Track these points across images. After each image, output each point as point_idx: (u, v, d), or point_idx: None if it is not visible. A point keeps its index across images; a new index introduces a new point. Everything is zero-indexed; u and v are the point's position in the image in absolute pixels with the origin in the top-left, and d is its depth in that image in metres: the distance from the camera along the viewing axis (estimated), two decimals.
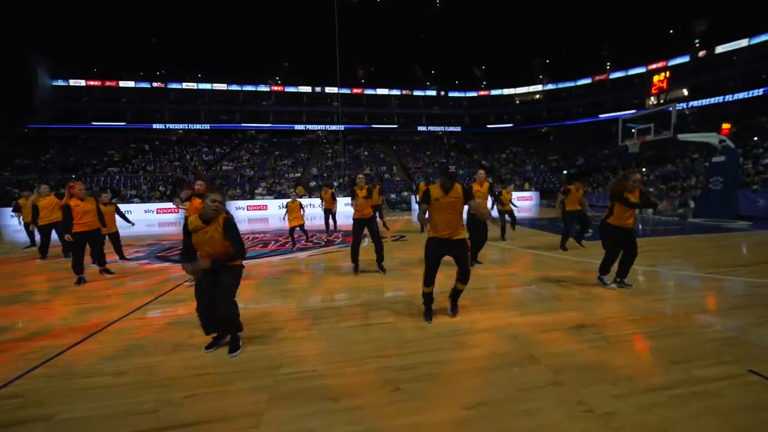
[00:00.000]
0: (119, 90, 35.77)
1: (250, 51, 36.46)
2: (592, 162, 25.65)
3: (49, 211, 6.20)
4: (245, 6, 31.09)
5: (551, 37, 33.16)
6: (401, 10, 32.07)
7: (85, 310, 3.59)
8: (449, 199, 2.88)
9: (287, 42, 35.82)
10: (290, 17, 32.74)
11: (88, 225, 4.57)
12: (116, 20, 31.73)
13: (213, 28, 33.95)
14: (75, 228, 4.46)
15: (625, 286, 3.83)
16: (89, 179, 23.58)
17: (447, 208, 2.88)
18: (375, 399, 1.91)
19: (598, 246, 6.05)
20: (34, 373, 2.33)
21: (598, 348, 2.43)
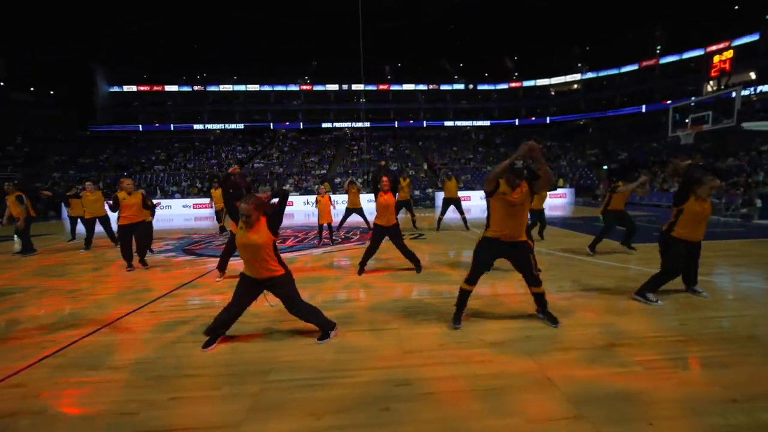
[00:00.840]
0: (165, 94, 38.65)
1: (281, 52, 37.62)
2: (637, 156, 23.40)
3: (94, 206, 6.82)
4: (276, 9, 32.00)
5: (592, 21, 30.58)
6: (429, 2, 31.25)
7: (102, 301, 3.75)
8: (515, 196, 2.59)
9: (316, 41, 36.42)
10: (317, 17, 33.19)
11: (131, 218, 4.93)
12: (162, 29, 34.15)
13: (246, 32, 35.36)
14: (120, 221, 4.89)
15: (698, 294, 3.32)
16: (138, 176, 25.72)
17: (512, 205, 2.60)
18: (360, 418, 1.72)
19: (651, 249, 5.37)
20: (45, 362, 2.41)
21: (631, 375, 2.05)
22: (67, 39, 32.83)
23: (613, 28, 30.25)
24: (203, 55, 38.22)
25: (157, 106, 38.20)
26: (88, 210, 6.91)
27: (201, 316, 3.20)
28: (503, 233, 2.66)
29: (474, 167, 25.57)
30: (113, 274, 4.99)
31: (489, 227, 2.75)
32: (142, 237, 5.18)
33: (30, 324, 3.14)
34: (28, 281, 4.71)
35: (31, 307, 3.63)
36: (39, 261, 6.13)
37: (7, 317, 3.34)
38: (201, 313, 3.28)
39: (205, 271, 4.99)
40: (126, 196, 4.90)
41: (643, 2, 27.34)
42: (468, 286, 2.80)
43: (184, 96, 38.55)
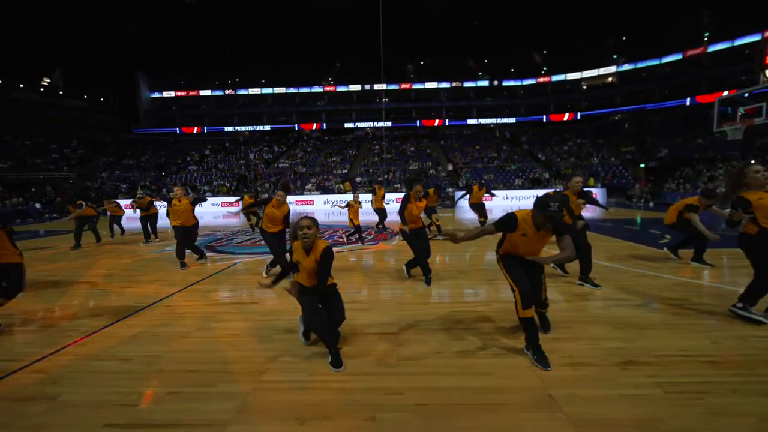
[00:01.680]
0: (199, 98, 40.99)
1: (306, 55, 38.66)
2: (680, 153, 21.53)
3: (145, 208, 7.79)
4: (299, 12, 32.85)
5: (630, 9, 28.55)
6: None
7: (126, 293, 4.00)
8: (538, 235, 2.32)
9: (339, 43, 37.00)
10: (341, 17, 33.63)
11: (181, 221, 5.25)
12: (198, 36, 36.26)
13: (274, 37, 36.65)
14: (173, 222, 5.33)
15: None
16: (174, 176, 27.46)
17: (532, 242, 2.35)
18: (343, 426, 1.68)
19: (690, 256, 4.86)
20: (67, 350, 2.60)
21: (647, 398, 1.84)
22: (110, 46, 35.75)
23: (654, 16, 28.06)
24: (234, 60, 40.16)
25: (192, 109, 40.64)
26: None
27: (212, 312, 3.31)
28: (517, 252, 2.44)
29: (498, 166, 24.76)
30: (142, 269, 5.33)
31: (503, 245, 2.51)
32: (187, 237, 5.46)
33: (60, 312, 3.41)
34: (70, 273, 5.15)
35: (65, 297, 3.94)
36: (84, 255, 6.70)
37: (43, 306, 3.65)
38: (213, 310, 3.40)
39: (223, 267, 5.18)
40: (177, 203, 5.25)
41: None
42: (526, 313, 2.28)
43: (217, 100, 40.68)
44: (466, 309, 3.24)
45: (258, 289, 4.06)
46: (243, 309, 3.40)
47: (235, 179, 26.79)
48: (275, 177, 26.73)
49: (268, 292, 3.95)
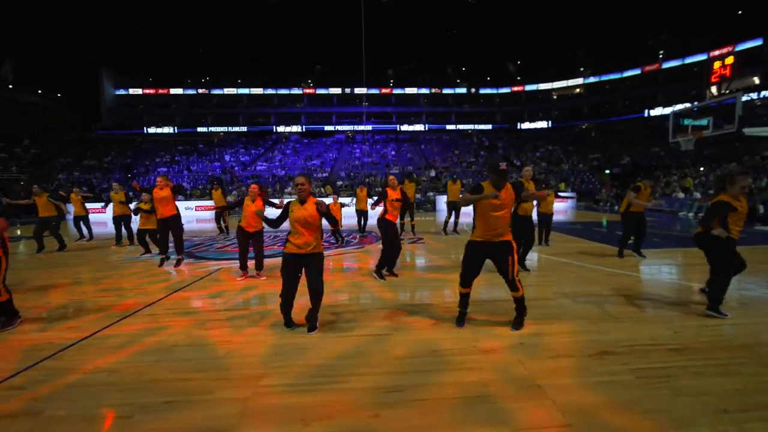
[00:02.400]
0: (170, 97, 39.13)
1: (285, 56, 38.04)
2: (640, 161, 23.31)
3: (119, 207, 7.31)
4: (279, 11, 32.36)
5: (594, 26, 30.67)
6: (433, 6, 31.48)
7: (101, 304, 3.80)
8: (501, 200, 2.66)
9: (319, 45, 36.79)
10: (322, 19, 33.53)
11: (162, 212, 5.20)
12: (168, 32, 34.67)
13: (250, 36, 35.79)
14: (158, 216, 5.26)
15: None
16: (142, 178, 25.98)
17: (497, 208, 2.67)
18: (349, 425, 1.74)
19: (651, 255, 5.38)
20: (43, 364, 2.45)
21: (623, 384, 2.05)
22: (73, 40, 33.39)
23: (616, 33, 30.29)
24: (208, 58, 38.76)
25: (162, 108, 38.72)
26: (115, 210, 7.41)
27: (198, 320, 3.23)
28: (488, 234, 2.75)
29: (475, 170, 25.57)
30: (112, 276, 5.05)
31: (475, 230, 2.84)
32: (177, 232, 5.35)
33: (30, 324, 3.19)
34: (34, 279, 4.78)
35: (34, 308, 3.68)
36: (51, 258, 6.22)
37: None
38: (198, 318, 3.32)
39: (204, 274, 5.03)
40: (158, 191, 5.15)
41: (646, 7, 27.37)
42: (463, 289, 2.90)
43: (189, 99, 39.04)
44: (452, 309, 3.38)
45: (242, 294, 4.00)
46: (233, 315, 3.34)
47: (210, 182, 25.80)
48: (252, 180, 26.03)
49: (255, 298, 3.91)
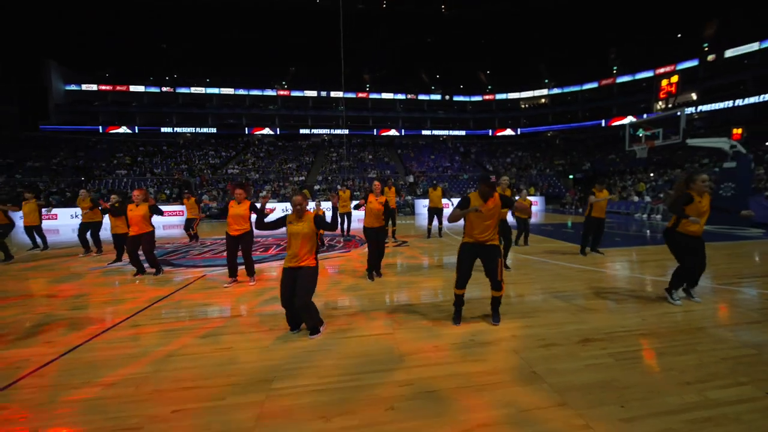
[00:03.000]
0: (129, 94, 36.62)
1: (258, 56, 37.04)
2: (599, 167, 25.32)
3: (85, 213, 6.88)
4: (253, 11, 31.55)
5: (557, 41, 33.01)
6: (407, 16, 32.25)
7: (77, 316, 3.56)
8: (488, 207, 2.95)
9: (294, 47, 36.27)
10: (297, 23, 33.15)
11: (138, 229, 5.03)
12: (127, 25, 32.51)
13: (221, 34, 34.53)
14: (130, 231, 5.06)
15: (692, 298, 3.60)
16: (98, 181, 24.02)
17: (485, 217, 2.96)
18: (368, 418, 1.83)
19: (613, 253, 5.92)
20: (24, 381, 2.28)
21: (604, 366, 2.31)
22: (17, 30, 30.32)
23: (577, 48, 32.76)
24: (173, 55, 36.74)
25: (121, 106, 36.13)
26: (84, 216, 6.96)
27: (188, 328, 3.14)
28: (478, 238, 3.00)
29: (451, 175, 26.40)
30: (82, 287, 4.70)
31: (465, 233, 3.10)
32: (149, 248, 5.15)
33: None
34: None
35: None
36: None
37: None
38: (188, 325, 3.22)
39: (186, 283, 4.83)
40: (134, 208, 4.97)
41: (599, 25, 29.90)
42: (458, 291, 3.09)
43: (152, 97, 36.78)
44: (445, 308, 3.55)
45: (234, 301, 3.93)
46: (229, 322, 3.27)
47: (178, 185, 24.41)
48: (224, 183, 25.00)
49: (246, 304, 3.84)
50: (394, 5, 31.21)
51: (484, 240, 2.98)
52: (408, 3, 30.66)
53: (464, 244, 3.08)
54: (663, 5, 26.51)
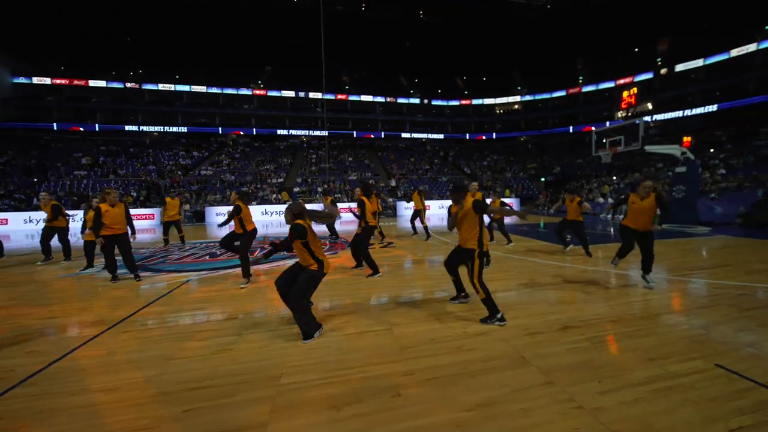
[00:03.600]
0: (89, 90, 34.15)
1: (232, 54, 35.86)
2: (567, 170, 26.91)
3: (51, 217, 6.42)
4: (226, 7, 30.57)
5: (529, 51, 34.75)
6: (386, 19, 32.63)
7: (59, 324, 3.39)
8: (461, 212, 3.23)
9: (270, 46, 35.49)
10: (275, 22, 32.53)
11: (117, 229, 4.80)
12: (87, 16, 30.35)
13: (192, 30, 33.12)
14: (103, 231, 4.73)
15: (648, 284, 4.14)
16: (53, 183, 22.23)
17: (459, 222, 3.25)
18: (377, 405, 1.96)
19: (581, 251, 6.39)
20: (14, 392, 2.19)
21: (582, 349, 2.59)
22: None
23: (547, 58, 34.65)
24: (138, 49, 34.68)
25: (78, 102, 33.63)
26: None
27: (183, 332, 3.10)
28: (459, 240, 3.33)
29: (431, 177, 26.97)
30: (55, 295, 4.44)
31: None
32: (127, 249, 4.94)
33: None
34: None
35: None
36: None
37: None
38: (186, 330, 3.18)
39: (171, 288, 4.69)
40: (109, 208, 4.74)
41: (567, 37, 31.84)
42: (451, 277, 3.65)
43: (115, 93, 34.50)
44: (435, 303, 3.74)
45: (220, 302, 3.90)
46: (223, 325, 3.26)
47: (146, 187, 23.10)
48: (197, 186, 23.98)
49: (238, 305, 3.83)
50: (373, 8, 31.50)
51: (462, 243, 3.26)
52: (386, 7, 31.06)
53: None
54: (623, 21, 28.73)
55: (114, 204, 4.76)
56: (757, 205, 9.79)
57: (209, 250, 7.76)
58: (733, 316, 3.17)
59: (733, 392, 2.02)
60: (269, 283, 4.79)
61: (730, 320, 3.08)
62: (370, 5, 31.27)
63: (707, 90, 26.09)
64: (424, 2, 29.67)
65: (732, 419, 1.79)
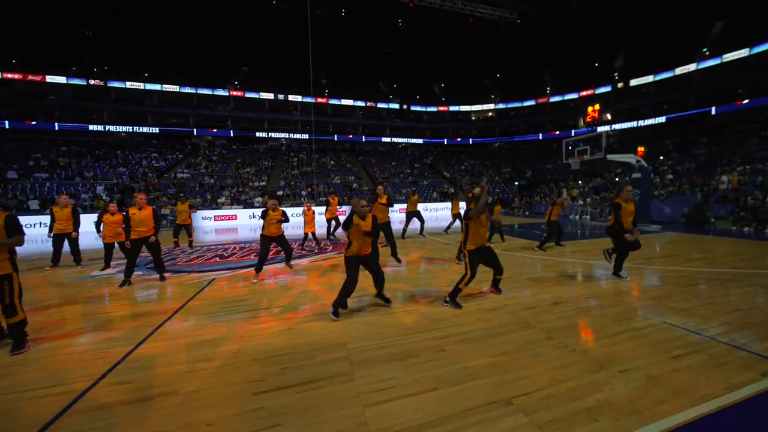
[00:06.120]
0: (46, 86, 31.78)
1: (206, 52, 34.86)
2: (538, 175, 28.98)
3: (64, 223, 6.43)
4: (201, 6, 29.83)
5: (502, 62, 36.97)
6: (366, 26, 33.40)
7: (119, 316, 3.70)
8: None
9: (247, 46, 34.92)
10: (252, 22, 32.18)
11: (142, 233, 5.00)
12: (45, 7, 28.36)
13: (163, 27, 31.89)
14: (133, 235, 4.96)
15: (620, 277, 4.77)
16: (10, 186, 20.69)
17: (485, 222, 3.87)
18: (429, 357, 2.59)
19: (557, 246, 7.36)
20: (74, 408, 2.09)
21: (571, 316, 3.39)
22: None
23: (517, 70, 37.03)
24: (102, 44, 32.70)
25: (35, 98, 31.23)
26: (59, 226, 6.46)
27: (239, 321, 3.54)
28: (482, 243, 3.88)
29: (412, 181, 27.94)
30: (102, 291, 4.64)
31: (468, 241, 3.86)
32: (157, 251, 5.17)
33: (55, 341, 3.04)
34: None
35: None
36: None
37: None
38: (237, 318, 3.62)
39: (202, 286, 5.01)
40: (136, 211, 4.95)
41: (536, 50, 34.26)
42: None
43: (76, 90, 32.33)
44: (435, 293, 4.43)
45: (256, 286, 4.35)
46: (271, 313, 3.72)
47: (119, 191, 22.07)
48: (174, 189, 23.25)
49: (273, 297, 4.29)
50: (353, 14, 32.16)
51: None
52: (366, 14, 31.86)
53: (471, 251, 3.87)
54: (585, 38, 31.46)
55: (142, 207, 5.01)
56: (696, 207, 11.51)
57: (216, 252, 7.99)
58: (676, 291, 4.14)
59: (675, 337, 2.87)
60: (287, 279, 5.26)
61: (674, 293, 4.04)
62: (350, 11, 31.89)
63: (657, 103, 29.30)
64: (402, 12, 30.77)
65: (673, 351, 2.62)
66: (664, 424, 1.82)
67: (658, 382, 2.21)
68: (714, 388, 2.13)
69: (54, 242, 6.38)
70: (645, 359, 2.49)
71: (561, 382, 2.21)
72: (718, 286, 4.30)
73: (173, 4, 29.31)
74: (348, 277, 3.47)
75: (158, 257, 5.16)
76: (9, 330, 2.82)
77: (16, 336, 2.84)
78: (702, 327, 3.04)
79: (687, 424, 1.82)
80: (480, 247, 3.80)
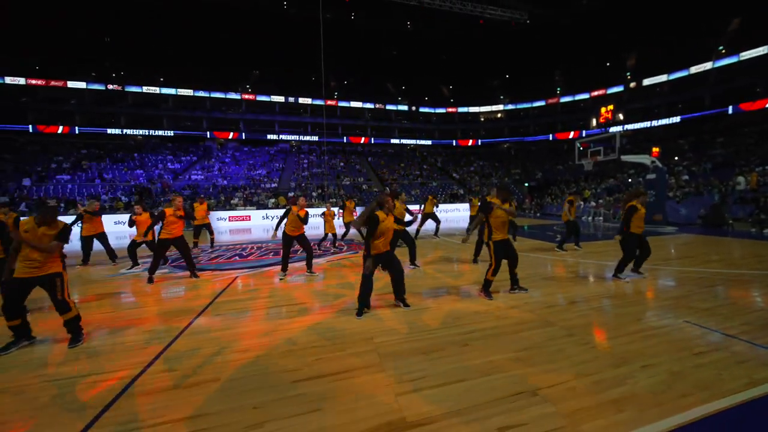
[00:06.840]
0: (67, 91, 33.01)
1: (219, 57, 35.66)
2: (549, 176, 28.69)
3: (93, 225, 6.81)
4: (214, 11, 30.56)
5: (511, 62, 36.80)
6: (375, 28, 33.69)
7: (153, 311, 3.92)
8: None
9: (258, 50, 35.56)
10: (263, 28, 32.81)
11: (173, 234, 5.24)
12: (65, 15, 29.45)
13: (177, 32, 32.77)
14: (162, 235, 5.21)
15: (640, 275, 4.88)
16: (35, 188, 21.54)
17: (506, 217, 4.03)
18: (454, 351, 2.71)
19: (570, 247, 7.36)
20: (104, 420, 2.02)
21: (588, 315, 3.45)
22: None
23: (527, 69, 36.78)
24: (120, 50, 33.80)
25: (56, 103, 32.47)
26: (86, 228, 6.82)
27: (268, 317, 3.71)
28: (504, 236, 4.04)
29: (421, 183, 28.00)
30: (134, 287, 4.90)
31: (492, 234, 4.06)
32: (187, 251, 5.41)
33: (100, 332, 3.26)
34: None
35: None
36: None
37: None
38: (266, 314, 3.79)
39: (226, 284, 5.21)
40: (172, 212, 5.24)
41: (546, 50, 33.99)
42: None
43: (95, 95, 33.51)
44: (472, 286, 4.53)
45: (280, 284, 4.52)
46: (298, 310, 3.88)
47: (136, 192, 22.75)
48: (189, 190, 23.84)
49: (297, 294, 4.46)
50: (362, 17, 32.48)
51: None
52: (375, 16, 32.13)
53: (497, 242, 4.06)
54: (596, 37, 31.09)
55: (178, 209, 5.29)
56: (714, 208, 11.30)
57: (235, 252, 8.24)
58: (695, 291, 4.15)
59: (695, 335, 2.91)
60: (310, 277, 5.43)
61: (693, 294, 4.05)
62: (360, 14, 32.23)
63: (671, 103, 28.73)
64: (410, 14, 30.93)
65: (695, 348, 2.67)
66: (690, 415, 1.90)
67: (681, 377, 2.28)
68: (736, 383, 2.19)
69: (84, 243, 6.72)
70: (666, 356, 2.56)
71: (585, 376, 2.30)
72: (738, 287, 4.29)
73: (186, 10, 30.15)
74: (367, 276, 3.53)
75: (189, 256, 5.37)
76: (65, 325, 3.04)
77: (73, 330, 3.06)
78: (723, 326, 3.08)
79: (709, 416, 1.89)
80: (503, 240, 4.06)
